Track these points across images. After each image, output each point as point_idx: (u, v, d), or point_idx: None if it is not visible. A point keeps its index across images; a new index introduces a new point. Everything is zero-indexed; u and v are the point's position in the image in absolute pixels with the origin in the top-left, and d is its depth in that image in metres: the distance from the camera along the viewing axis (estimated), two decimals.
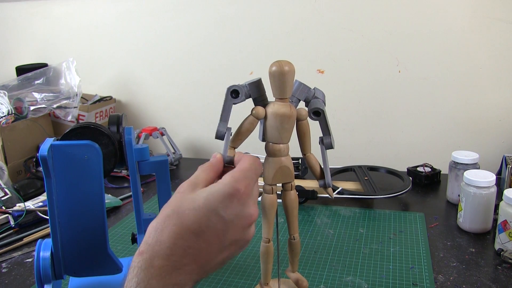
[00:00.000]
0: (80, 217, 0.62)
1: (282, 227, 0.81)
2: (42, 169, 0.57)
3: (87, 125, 0.64)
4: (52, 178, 0.59)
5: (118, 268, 0.65)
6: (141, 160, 0.66)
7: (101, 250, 0.64)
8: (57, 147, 0.58)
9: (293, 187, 0.59)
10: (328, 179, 0.59)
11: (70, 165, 0.59)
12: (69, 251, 0.63)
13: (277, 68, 0.53)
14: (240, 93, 0.56)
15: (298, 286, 0.64)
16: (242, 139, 0.57)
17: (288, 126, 0.55)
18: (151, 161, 0.67)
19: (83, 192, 0.61)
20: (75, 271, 0.64)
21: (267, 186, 0.58)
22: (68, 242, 0.62)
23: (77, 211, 0.61)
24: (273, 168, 0.57)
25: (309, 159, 0.60)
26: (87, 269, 0.65)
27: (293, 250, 0.62)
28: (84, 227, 0.62)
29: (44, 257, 0.61)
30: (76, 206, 0.61)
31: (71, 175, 0.60)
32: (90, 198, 0.61)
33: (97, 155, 0.60)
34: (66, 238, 0.62)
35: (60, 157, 0.58)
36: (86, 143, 0.59)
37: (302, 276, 0.64)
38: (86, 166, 0.60)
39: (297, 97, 0.58)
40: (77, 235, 0.62)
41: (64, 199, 0.60)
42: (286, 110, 0.54)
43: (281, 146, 0.56)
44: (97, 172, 0.60)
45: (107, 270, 0.65)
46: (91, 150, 0.59)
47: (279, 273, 0.65)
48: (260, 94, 0.57)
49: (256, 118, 0.56)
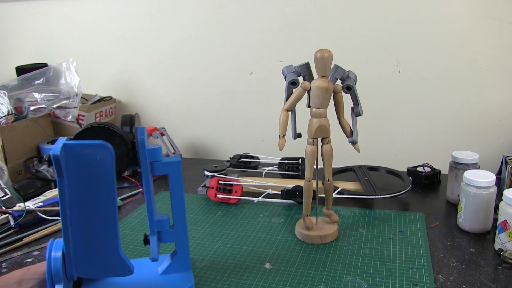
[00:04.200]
0: (92, 218, 0.61)
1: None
2: (54, 168, 0.57)
3: (100, 125, 0.63)
4: (65, 178, 0.58)
5: (129, 270, 0.65)
6: (154, 161, 0.65)
7: (112, 251, 0.63)
8: (69, 147, 0.58)
9: (329, 142, 0.80)
10: (356, 137, 0.81)
11: (82, 165, 0.59)
12: (80, 252, 0.62)
13: (320, 54, 0.74)
14: (297, 83, 0.78)
15: (330, 219, 0.85)
16: (294, 104, 0.79)
17: (327, 96, 0.77)
18: (164, 162, 0.66)
19: (95, 193, 0.60)
20: (86, 272, 0.64)
21: (310, 139, 0.79)
22: (80, 242, 0.62)
23: (89, 211, 0.61)
24: (315, 126, 0.78)
25: (342, 123, 0.82)
26: (98, 270, 0.64)
27: (327, 190, 0.83)
28: (96, 227, 0.62)
29: (55, 257, 0.60)
30: (88, 206, 0.61)
31: (83, 175, 0.59)
32: (102, 198, 0.61)
33: (110, 155, 0.59)
34: (77, 238, 0.61)
35: (72, 157, 0.58)
36: (99, 143, 0.59)
37: (334, 213, 0.85)
38: (99, 166, 0.59)
39: (335, 77, 0.78)
40: (88, 236, 0.62)
41: (76, 199, 0.60)
42: (325, 84, 0.76)
43: (321, 111, 0.78)
44: (110, 173, 0.60)
45: (118, 271, 0.65)
46: (104, 150, 0.59)
47: (317, 207, 0.87)
48: (307, 73, 0.79)
49: (304, 89, 0.78)
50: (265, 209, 0.97)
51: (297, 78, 0.79)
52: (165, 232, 0.68)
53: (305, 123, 0.81)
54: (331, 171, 0.82)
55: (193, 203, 1.02)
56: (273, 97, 1.32)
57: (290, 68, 0.79)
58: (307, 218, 0.83)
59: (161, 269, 0.71)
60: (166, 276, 0.70)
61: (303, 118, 0.83)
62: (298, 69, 0.79)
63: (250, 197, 1.00)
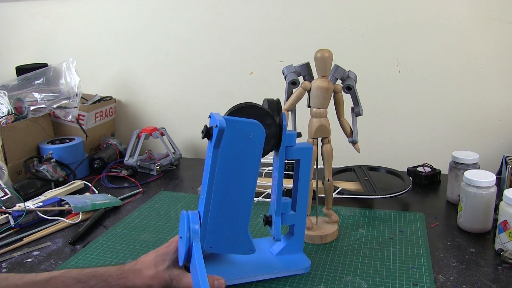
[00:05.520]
0: (233, 193, 0.64)
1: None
2: (213, 140, 0.59)
3: (254, 105, 0.65)
4: (220, 151, 0.60)
5: (252, 248, 0.68)
6: (289, 146, 0.68)
7: (243, 228, 0.66)
8: (230, 121, 0.60)
9: (329, 142, 0.80)
10: (356, 137, 0.82)
11: (237, 140, 0.61)
12: (213, 225, 0.64)
13: (320, 54, 0.74)
14: (297, 83, 0.79)
15: (331, 219, 0.85)
16: (294, 104, 0.79)
17: (327, 96, 0.77)
18: (297, 147, 0.69)
19: (241, 169, 0.63)
20: (212, 246, 0.65)
21: (310, 139, 0.79)
22: (216, 216, 0.64)
23: (232, 187, 0.63)
24: (315, 125, 0.78)
25: (342, 123, 0.82)
26: (224, 245, 0.66)
27: (327, 190, 0.83)
28: (234, 203, 0.64)
29: (194, 229, 0.62)
30: (232, 181, 0.63)
31: (234, 151, 0.62)
32: (245, 176, 0.63)
33: (261, 134, 0.62)
34: (215, 211, 0.63)
35: (230, 131, 0.60)
36: (254, 122, 0.61)
37: (334, 213, 0.85)
38: (250, 144, 0.62)
39: (335, 77, 0.79)
40: (225, 210, 0.64)
41: (223, 173, 0.62)
42: (325, 84, 0.76)
43: (321, 110, 0.78)
44: (258, 151, 0.63)
45: (243, 249, 0.67)
46: (257, 128, 0.62)
47: (317, 207, 0.86)
48: (307, 73, 0.79)
49: (304, 89, 0.78)
50: (265, 209, 0.97)
51: (297, 78, 0.79)
52: (287, 214, 0.72)
53: (305, 123, 0.81)
54: (331, 171, 0.83)
55: (193, 203, 1.02)
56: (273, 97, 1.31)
57: (290, 68, 0.79)
58: (307, 218, 0.83)
59: (276, 250, 0.74)
60: (282, 257, 0.73)
61: (303, 118, 0.83)
62: (298, 69, 0.79)
63: None
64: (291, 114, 0.81)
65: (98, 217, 0.94)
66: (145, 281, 0.63)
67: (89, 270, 0.63)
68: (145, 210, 0.99)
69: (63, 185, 1.10)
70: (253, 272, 0.69)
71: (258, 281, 0.69)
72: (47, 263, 0.78)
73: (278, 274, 0.70)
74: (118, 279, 0.63)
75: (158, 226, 0.91)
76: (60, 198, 0.99)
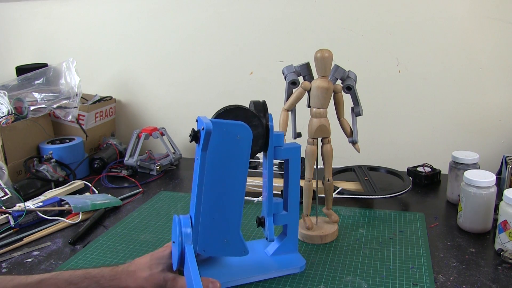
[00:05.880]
0: (223, 195, 0.64)
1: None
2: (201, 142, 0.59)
3: (240, 106, 0.65)
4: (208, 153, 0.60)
5: (245, 250, 0.68)
6: (277, 146, 0.68)
7: (235, 230, 0.66)
8: (216, 124, 0.60)
9: (329, 142, 0.80)
10: (356, 137, 0.81)
11: (224, 142, 0.61)
12: (205, 228, 0.64)
13: (320, 54, 0.74)
14: (297, 83, 0.78)
15: (331, 219, 0.85)
16: (294, 104, 0.79)
17: (327, 96, 0.77)
18: (285, 148, 0.69)
19: (230, 171, 0.63)
20: (205, 249, 0.65)
21: (310, 139, 0.79)
22: (207, 219, 0.64)
23: (222, 188, 0.63)
24: (315, 125, 0.78)
25: (342, 123, 0.82)
26: (217, 248, 0.66)
27: (327, 189, 0.83)
28: (224, 205, 0.64)
29: (186, 233, 0.63)
30: (221, 184, 0.63)
31: (222, 153, 0.62)
32: (234, 177, 0.63)
33: (249, 136, 0.62)
34: (206, 214, 0.63)
35: (217, 134, 0.60)
36: (240, 124, 0.62)
37: (334, 213, 0.85)
38: (237, 145, 0.62)
39: (335, 77, 0.79)
40: (216, 213, 0.64)
41: (212, 175, 0.62)
42: (325, 84, 0.76)
43: (321, 110, 0.78)
44: (246, 153, 0.63)
45: (236, 251, 0.67)
46: (244, 130, 0.62)
47: (317, 207, 0.87)
48: (307, 73, 0.79)
49: (304, 89, 0.78)
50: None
51: (297, 78, 0.79)
52: (279, 214, 0.72)
53: (305, 123, 0.81)
54: (331, 171, 0.83)
55: None
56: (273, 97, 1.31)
57: (290, 68, 0.79)
58: (307, 218, 0.83)
59: (271, 251, 0.74)
60: (276, 257, 0.73)
61: (303, 118, 0.83)
62: (298, 69, 0.79)
63: (250, 197, 1.00)
64: (291, 114, 0.81)
65: (98, 217, 0.94)
66: (138, 282, 0.63)
67: (81, 272, 0.63)
68: (145, 210, 0.99)
69: (63, 185, 1.10)
70: (248, 273, 0.69)
71: (256, 281, 0.69)
72: (47, 263, 0.78)
73: (273, 274, 0.70)
74: (111, 281, 0.62)
75: (158, 226, 0.91)
76: (60, 198, 0.99)
